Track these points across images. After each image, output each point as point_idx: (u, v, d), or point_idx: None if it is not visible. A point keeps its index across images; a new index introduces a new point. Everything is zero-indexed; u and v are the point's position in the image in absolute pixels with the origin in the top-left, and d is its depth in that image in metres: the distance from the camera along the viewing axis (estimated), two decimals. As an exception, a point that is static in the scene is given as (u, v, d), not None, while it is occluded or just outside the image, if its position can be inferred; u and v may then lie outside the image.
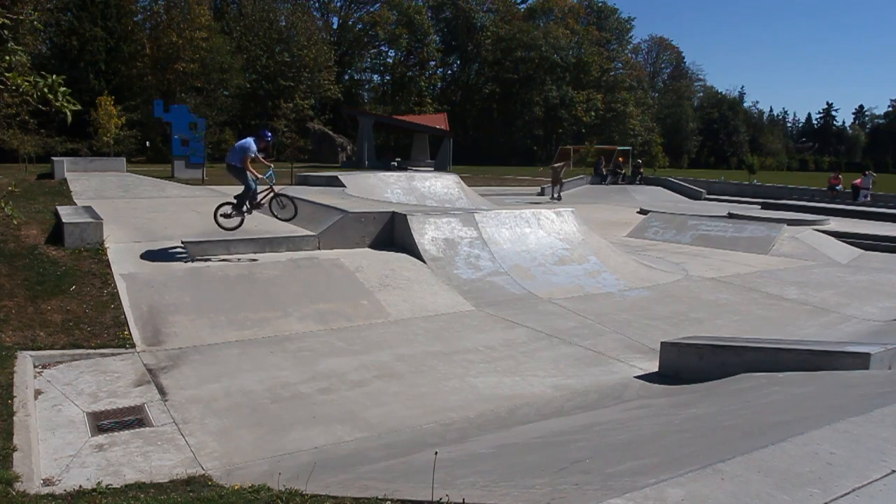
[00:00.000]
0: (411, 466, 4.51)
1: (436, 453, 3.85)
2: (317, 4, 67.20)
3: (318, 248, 11.08)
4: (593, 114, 68.85)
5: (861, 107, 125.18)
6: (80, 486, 4.42)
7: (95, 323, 7.81)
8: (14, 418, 5.27)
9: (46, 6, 37.27)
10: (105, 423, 5.59)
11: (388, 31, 66.04)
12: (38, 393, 6.10)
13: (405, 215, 11.58)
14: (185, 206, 15.15)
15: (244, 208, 10.60)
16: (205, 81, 46.70)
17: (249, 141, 10.29)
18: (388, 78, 71.21)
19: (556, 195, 26.60)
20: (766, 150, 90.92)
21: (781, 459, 2.69)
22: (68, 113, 4.66)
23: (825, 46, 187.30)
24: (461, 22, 69.43)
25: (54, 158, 19.69)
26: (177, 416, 5.78)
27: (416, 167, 35.33)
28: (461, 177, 20.18)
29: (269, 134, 10.74)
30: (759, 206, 23.50)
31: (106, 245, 9.86)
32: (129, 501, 4.00)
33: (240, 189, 10.68)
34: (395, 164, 39.24)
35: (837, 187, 28.55)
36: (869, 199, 26.79)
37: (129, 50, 44.14)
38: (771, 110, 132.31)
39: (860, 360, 5.83)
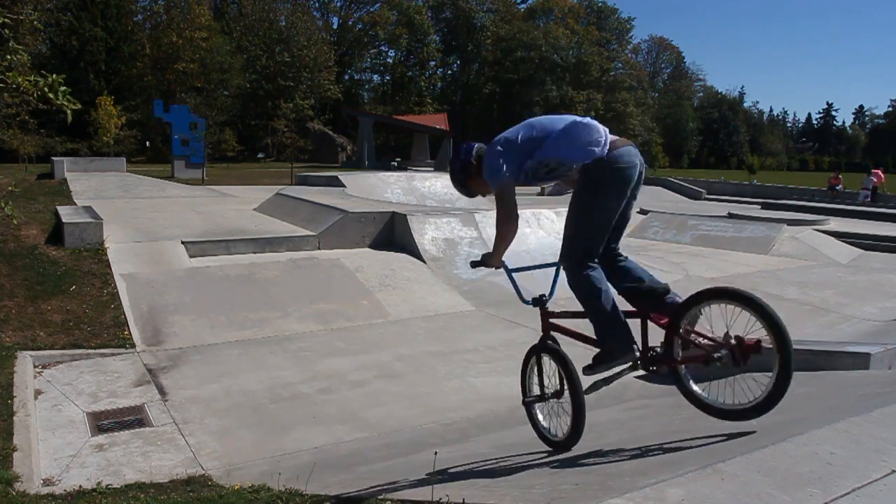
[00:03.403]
0: (411, 466, 4.51)
1: (436, 453, 3.85)
2: (317, 4, 67.26)
3: (318, 248, 11.07)
4: (593, 114, 68.79)
5: (861, 107, 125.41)
6: (80, 486, 4.42)
7: (95, 323, 7.81)
8: (14, 418, 5.27)
9: (46, 6, 37.31)
10: (105, 423, 5.59)
11: (388, 31, 66.05)
12: (38, 393, 6.10)
13: (405, 215, 11.58)
14: (185, 206, 15.16)
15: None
16: (205, 81, 46.73)
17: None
18: (388, 78, 71.20)
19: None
20: (766, 150, 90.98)
21: (781, 459, 2.69)
22: (69, 112, 4.67)
23: (825, 46, 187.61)
24: (461, 22, 69.45)
25: (54, 158, 19.72)
26: (177, 416, 5.78)
27: (416, 167, 35.33)
28: (461, 177, 20.15)
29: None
30: (759, 206, 23.48)
31: (106, 245, 9.86)
32: (129, 501, 4.00)
33: None
34: (395, 164, 39.24)
35: (837, 187, 28.55)
36: (869, 199, 26.80)
37: (129, 50, 44.18)
38: (771, 110, 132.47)
39: (860, 360, 5.82)
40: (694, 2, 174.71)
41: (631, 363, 3.31)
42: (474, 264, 3.84)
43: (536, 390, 3.63)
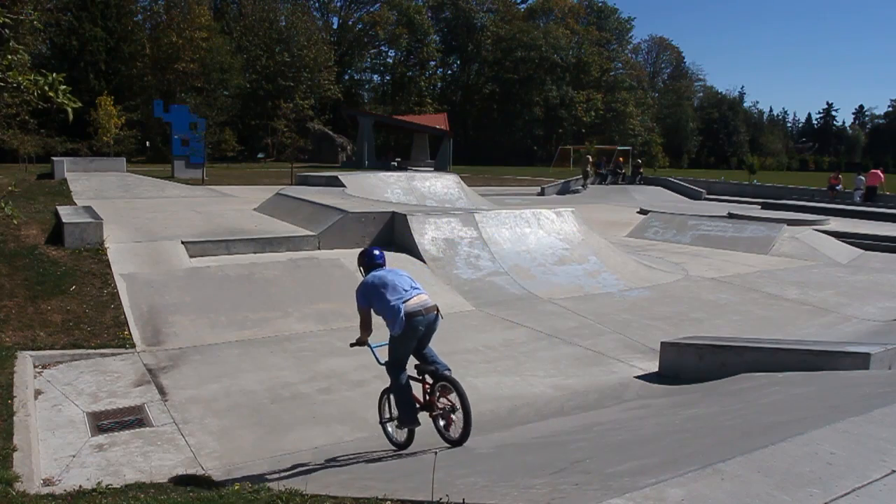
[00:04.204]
0: (411, 466, 4.51)
1: (435, 453, 3.85)
2: (317, 4, 67.19)
3: (318, 248, 11.08)
4: (593, 114, 68.82)
5: (861, 107, 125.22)
6: (80, 486, 4.42)
7: (95, 323, 7.81)
8: (14, 418, 5.27)
9: (46, 6, 37.22)
10: (105, 423, 5.59)
11: (388, 31, 66.02)
12: (38, 393, 6.10)
13: (405, 215, 11.58)
14: (185, 206, 15.16)
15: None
16: (205, 81, 46.67)
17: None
18: (388, 78, 71.20)
19: (583, 186, 30.10)
20: (766, 150, 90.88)
21: (781, 459, 2.70)
22: (70, 110, 4.67)
23: (825, 46, 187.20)
24: (461, 22, 69.42)
25: (54, 158, 19.72)
26: (177, 416, 5.78)
27: (416, 167, 35.33)
28: (461, 177, 20.18)
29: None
30: (759, 206, 23.48)
31: (106, 245, 9.86)
32: (129, 501, 4.00)
33: None
34: (395, 164, 39.24)
35: (837, 187, 28.52)
36: (859, 199, 26.94)
37: (129, 50, 44.11)
38: (771, 110, 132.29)
39: (860, 360, 5.83)
40: (694, 2, 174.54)
41: (415, 426, 5.01)
42: (352, 345, 5.23)
43: (387, 415, 5.23)
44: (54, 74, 4.68)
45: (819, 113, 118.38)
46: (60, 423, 5.53)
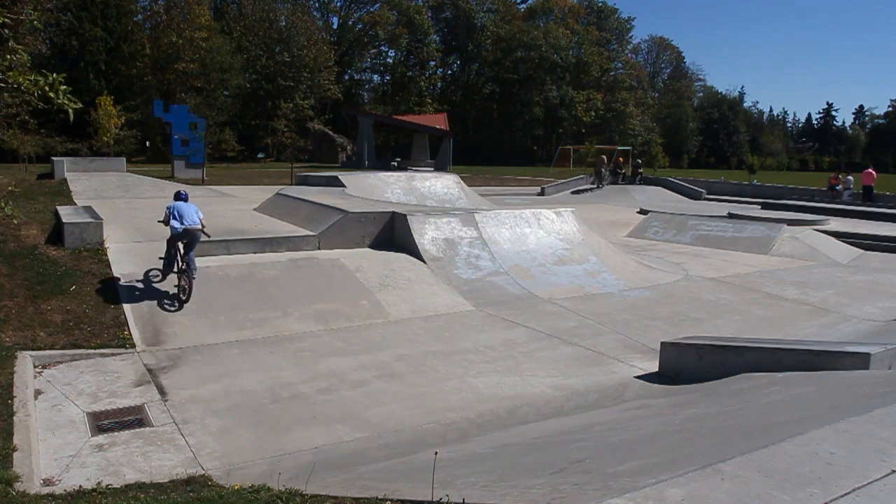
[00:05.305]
0: (411, 466, 4.52)
1: (436, 453, 3.85)
2: (317, 4, 67.16)
3: (318, 248, 11.08)
4: (593, 114, 68.81)
5: (861, 107, 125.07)
6: (80, 486, 4.42)
7: (95, 323, 7.82)
8: (14, 418, 5.27)
9: (46, 6, 37.22)
10: (105, 423, 5.60)
11: (388, 31, 66.00)
12: (38, 393, 6.10)
13: (405, 215, 11.58)
14: (185, 206, 15.14)
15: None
16: (205, 81, 46.64)
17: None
18: (388, 78, 71.19)
19: (599, 185, 30.45)
20: (767, 150, 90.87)
21: (781, 459, 2.70)
22: (70, 110, 4.67)
23: (825, 46, 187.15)
24: (461, 22, 69.42)
25: (54, 158, 19.69)
26: (177, 416, 5.79)
27: (416, 167, 35.32)
28: (461, 177, 20.17)
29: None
30: (759, 206, 23.49)
31: (106, 245, 9.86)
32: (129, 501, 4.00)
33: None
34: (395, 164, 39.24)
35: (837, 187, 28.53)
36: (848, 197, 27.01)
37: (129, 50, 44.08)
38: (771, 110, 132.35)
39: (860, 360, 5.83)
40: (694, 2, 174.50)
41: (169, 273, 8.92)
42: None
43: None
44: (54, 74, 4.69)
45: (819, 113, 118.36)
46: (60, 423, 5.54)
